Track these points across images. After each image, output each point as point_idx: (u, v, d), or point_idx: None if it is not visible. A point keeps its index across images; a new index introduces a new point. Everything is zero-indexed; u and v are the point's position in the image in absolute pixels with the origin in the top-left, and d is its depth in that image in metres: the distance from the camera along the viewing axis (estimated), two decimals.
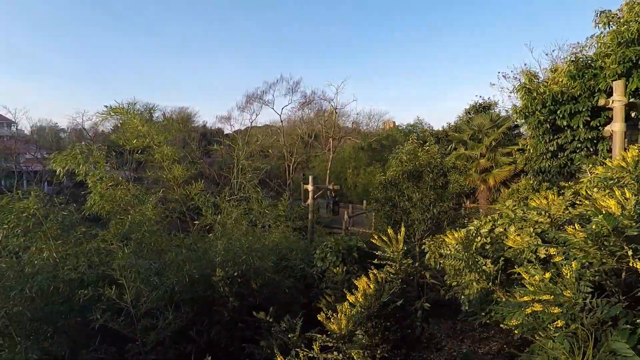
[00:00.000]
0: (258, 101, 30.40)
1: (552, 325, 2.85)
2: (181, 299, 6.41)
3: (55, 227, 7.12)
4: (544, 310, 2.80)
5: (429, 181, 8.53)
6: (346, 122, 36.91)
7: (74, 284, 6.43)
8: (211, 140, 37.21)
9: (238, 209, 7.27)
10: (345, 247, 7.80)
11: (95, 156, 8.79)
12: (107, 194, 8.49)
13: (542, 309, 2.79)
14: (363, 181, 28.20)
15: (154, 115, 8.56)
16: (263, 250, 7.07)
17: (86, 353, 5.77)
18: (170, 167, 7.70)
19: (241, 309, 6.55)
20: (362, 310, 4.03)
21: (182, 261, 6.91)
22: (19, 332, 5.72)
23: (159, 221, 8.07)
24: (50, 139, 45.29)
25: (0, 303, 5.67)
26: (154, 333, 5.80)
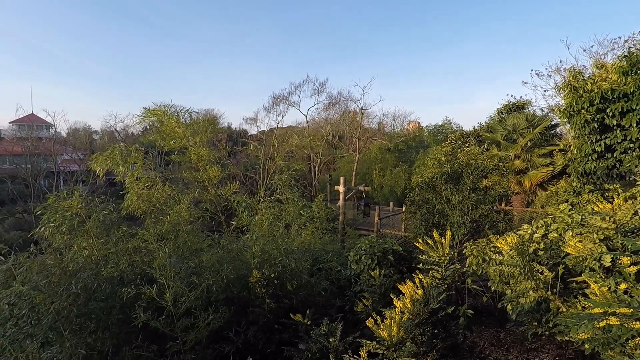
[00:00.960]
0: (284, 102, 30.60)
1: (632, 341, 2.61)
2: (217, 299, 6.44)
3: (97, 226, 7.34)
4: (621, 324, 2.57)
5: (469, 183, 8.24)
6: (371, 123, 36.66)
7: (115, 282, 6.59)
8: (237, 141, 37.77)
9: (274, 210, 7.25)
10: (380, 249, 7.63)
11: (133, 157, 9.03)
12: (144, 194, 8.69)
13: (619, 322, 2.57)
14: (389, 182, 27.82)
15: (187, 117, 8.64)
16: (299, 252, 7.02)
17: (128, 350, 5.89)
18: (206, 167, 7.76)
19: (277, 310, 6.53)
20: (411, 317, 3.88)
21: (217, 262, 6.95)
22: (66, 327, 5.90)
23: (192, 221, 8.17)
24: (84, 140, 47.27)
25: (48, 298, 5.90)
26: (194, 332, 5.86)
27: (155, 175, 8.66)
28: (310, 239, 8.17)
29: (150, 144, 24.78)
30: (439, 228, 7.79)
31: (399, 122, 38.04)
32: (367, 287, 7.02)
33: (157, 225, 7.91)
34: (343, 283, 7.98)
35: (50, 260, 6.72)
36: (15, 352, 5.63)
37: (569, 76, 8.47)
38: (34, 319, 5.72)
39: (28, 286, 5.83)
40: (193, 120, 9.18)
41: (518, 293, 4.09)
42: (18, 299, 5.79)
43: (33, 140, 35.09)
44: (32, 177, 29.90)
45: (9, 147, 38.82)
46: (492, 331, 6.42)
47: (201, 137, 7.97)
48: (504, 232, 7.82)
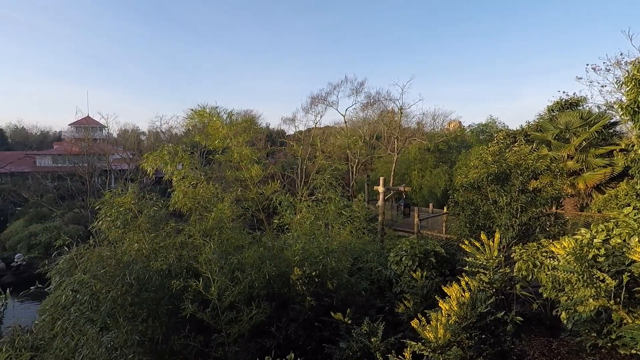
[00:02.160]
0: (322, 102, 30.73)
1: None
2: (259, 295, 6.59)
3: (147, 221, 7.76)
4: None
5: (518, 184, 7.82)
6: (410, 123, 35.91)
7: (164, 275, 6.93)
8: (275, 141, 38.46)
9: (315, 210, 7.30)
10: (421, 251, 7.47)
11: (179, 157, 9.46)
12: (189, 192, 9.07)
13: None
14: (429, 183, 27.08)
15: (227, 118, 8.93)
16: (339, 251, 7.03)
17: (177, 339, 6.18)
18: (248, 167, 7.96)
19: (318, 308, 6.58)
20: (457, 320, 3.76)
21: (259, 259, 7.12)
22: (120, 314, 6.30)
23: (234, 219, 8.42)
24: (132, 141, 50.17)
25: (105, 287, 6.33)
26: (237, 326, 6.04)
27: (200, 174, 9.04)
28: (350, 238, 8.14)
29: (193, 143, 25.90)
30: (485, 230, 7.46)
31: (438, 122, 37.03)
32: (408, 289, 6.89)
33: (201, 221, 8.25)
34: (383, 284, 7.89)
35: (107, 252, 7.22)
36: (78, 335, 6.07)
37: (633, 69, 7.77)
38: (93, 305, 6.17)
39: (89, 275, 6.30)
40: (234, 121, 9.49)
41: (575, 301, 3.82)
42: (80, 286, 6.27)
43: (89, 141, 37.71)
44: (88, 175, 32.18)
45: (69, 148, 42.05)
46: (542, 340, 6.08)
47: (243, 137, 8.20)
48: (557, 236, 7.36)
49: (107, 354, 5.53)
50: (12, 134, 76.30)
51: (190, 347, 6.17)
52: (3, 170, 42.42)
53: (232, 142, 8.16)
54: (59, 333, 6.09)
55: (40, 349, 6.57)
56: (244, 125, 9.07)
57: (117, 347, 5.76)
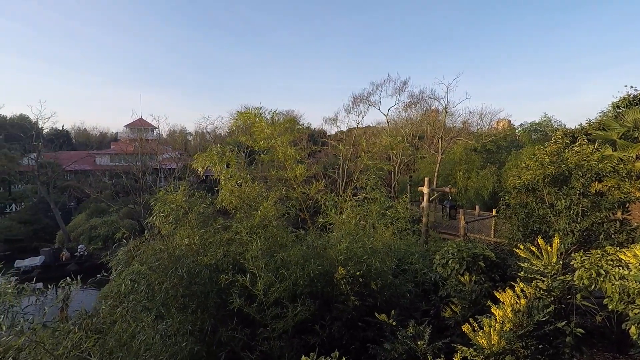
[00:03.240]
0: (364, 102, 30.40)
1: None
2: (302, 293, 6.67)
3: (197, 218, 8.13)
4: None
5: (579, 187, 7.25)
6: (456, 122, 34.59)
7: (212, 269, 7.22)
8: (317, 141, 38.68)
9: (360, 210, 7.28)
10: (469, 254, 7.19)
11: (227, 157, 9.82)
12: (236, 191, 9.38)
13: None
14: (475, 185, 25.90)
15: (270, 118, 9.16)
16: (383, 251, 6.96)
17: (224, 331, 6.42)
18: (292, 166, 8.10)
19: (361, 308, 6.55)
20: (512, 327, 3.59)
21: (303, 257, 7.21)
22: (173, 305, 6.66)
23: (278, 217, 8.60)
24: (180, 141, 52.68)
25: (159, 278, 6.71)
26: (282, 322, 6.16)
27: (246, 174, 9.33)
28: (394, 239, 8.02)
29: (236, 143, 26.73)
30: (540, 235, 7.03)
31: (486, 121, 35.28)
32: (454, 293, 6.68)
33: (247, 219, 8.50)
34: (427, 286, 7.70)
35: (160, 246, 7.66)
36: (135, 322, 6.48)
37: None
38: (149, 295, 6.57)
39: (145, 266, 6.71)
40: (277, 122, 9.71)
41: None
42: (137, 276, 6.70)
43: (142, 141, 40.12)
44: (141, 173, 34.24)
45: (124, 147, 45.09)
46: (607, 356, 5.63)
47: (287, 137, 8.37)
48: (624, 244, 6.75)
49: (162, 341, 5.83)
50: (76, 135, 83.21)
51: (237, 340, 6.38)
52: (69, 168, 46.32)
53: (277, 142, 8.36)
54: (118, 319, 6.48)
55: (102, 332, 7.07)
56: (288, 125, 9.25)
57: (171, 335, 6.07)
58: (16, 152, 44.20)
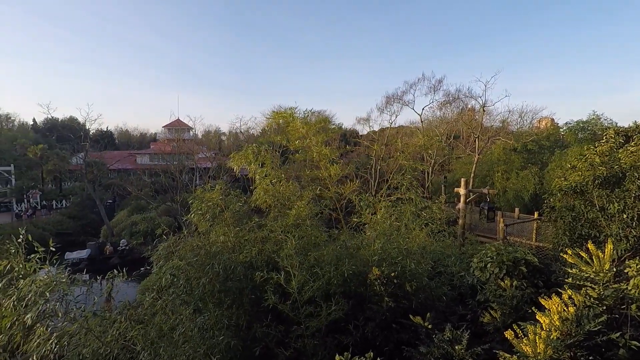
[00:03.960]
0: (398, 102, 29.84)
1: None
2: (336, 292, 6.67)
3: (232, 216, 8.33)
4: None
5: (635, 189, 6.74)
6: (494, 121, 33.23)
7: (247, 266, 7.38)
8: (349, 141, 38.54)
9: (394, 210, 7.19)
10: (509, 258, 6.90)
11: (262, 156, 9.99)
12: (270, 190, 9.52)
13: None
14: (515, 186, 24.73)
15: (306, 118, 9.22)
16: (418, 253, 6.83)
17: (259, 327, 6.55)
18: (327, 166, 8.11)
19: (395, 310, 6.47)
20: (560, 336, 3.41)
21: (336, 256, 7.21)
22: (209, 299, 6.87)
23: (311, 217, 8.65)
24: (214, 141, 54.20)
25: (197, 273, 6.95)
26: (316, 320, 6.19)
27: (280, 173, 9.46)
28: (430, 241, 7.86)
29: (269, 143, 27.14)
30: (590, 240, 6.62)
31: (527, 120, 33.64)
32: (494, 298, 6.44)
33: (281, 218, 8.61)
34: (464, 290, 7.48)
35: (198, 242, 7.92)
36: (174, 315, 6.73)
37: None
38: (188, 289, 6.82)
39: (184, 262, 6.97)
40: (309, 121, 9.77)
41: None
42: (177, 271, 6.97)
43: (179, 141, 41.67)
44: (178, 172, 35.58)
45: (162, 147, 47.02)
46: None
47: (322, 136, 8.40)
48: None
49: (200, 334, 6.02)
50: (119, 135, 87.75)
51: (272, 336, 6.49)
52: (112, 167, 48.98)
53: (311, 142, 8.41)
54: (159, 311, 6.75)
55: (144, 323, 7.39)
56: (322, 125, 9.28)
57: (208, 329, 6.26)
58: (66, 151, 47.31)
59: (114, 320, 6.39)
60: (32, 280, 5.46)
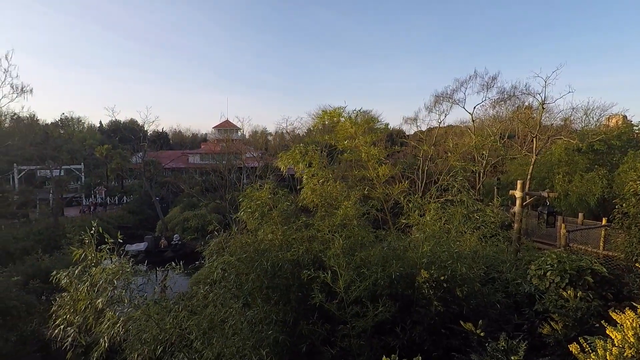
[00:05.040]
0: (447, 100, 28.71)
1: None
2: (382, 294, 6.59)
3: (280, 215, 8.50)
4: None
5: None
6: (554, 119, 30.80)
7: (293, 264, 7.50)
8: (395, 141, 37.81)
9: (445, 212, 6.96)
10: (573, 267, 6.41)
11: (309, 156, 10.12)
12: (318, 189, 9.61)
13: None
14: (579, 190, 22.66)
15: (355, 118, 9.19)
16: (470, 257, 6.55)
17: (305, 324, 6.64)
18: (375, 166, 8.03)
19: (445, 315, 6.27)
20: (635, 355, 3.12)
21: (383, 258, 7.12)
22: (258, 295, 7.07)
23: (358, 217, 8.60)
24: (261, 141, 55.65)
25: (245, 269, 7.19)
26: (362, 320, 6.16)
27: (328, 173, 9.52)
28: (483, 245, 7.50)
29: (314, 143, 27.34)
30: None
31: (593, 117, 30.77)
32: (554, 309, 6.02)
33: (328, 217, 8.66)
34: (520, 298, 7.06)
35: (247, 239, 8.19)
36: (224, 308, 7.01)
37: None
38: (238, 284, 7.08)
39: (234, 258, 7.24)
40: (359, 121, 9.73)
41: None
42: (227, 266, 7.26)
43: (228, 141, 43.30)
44: (226, 171, 36.97)
45: (212, 147, 49.18)
46: None
47: (371, 137, 8.33)
48: None
49: (249, 328, 6.22)
50: (173, 136, 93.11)
51: (317, 334, 6.55)
52: (167, 166, 52.13)
53: (360, 142, 8.38)
54: (210, 303, 7.05)
55: (196, 313, 7.77)
56: (370, 125, 9.21)
57: (257, 323, 6.45)
58: (127, 151, 51.14)
59: (170, 309, 6.80)
60: (103, 268, 5.97)
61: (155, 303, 6.19)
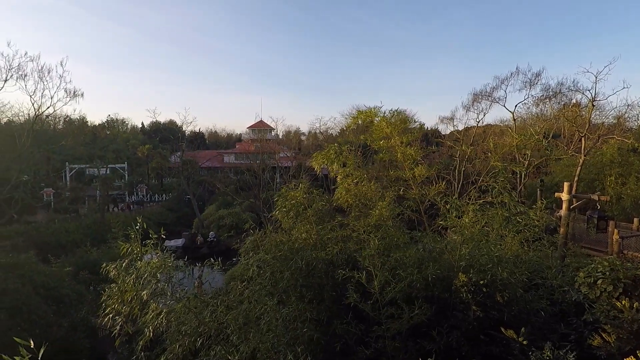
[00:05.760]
0: (486, 99, 27.50)
1: None
2: (417, 296, 6.46)
3: (314, 214, 8.55)
4: None
5: None
6: (606, 117, 28.64)
7: (327, 264, 7.51)
8: (430, 141, 36.87)
9: (484, 214, 6.72)
10: (628, 275, 5.98)
11: (344, 156, 10.12)
12: (352, 189, 9.59)
13: None
14: (634, 193, 20.93)
15: (391, 117, 9.07)
16: (512, 262, 6.28)
17: (339, 323, 6.63)
18: (412, 167, 7.89)
19: (484, 320, 6.05)
20: None
21: (419, 259, 6.98)
22: (292, 293, 7.15)
23: (392, 218, 8.48)
24: (294, 141, 56.21)
25: (280, 267, 7.29)
26: (397, 322, 6.07)
27: (363, 173, 9.48)
28: (526, 249, 7.17)
29: (347, 143, 27.17)
30: None
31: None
32: (606, 319, 5.64)
33: (362, 218, 8.61)
34: (567, 307, 6.69)
35: (281, 238, 8.30)
36: (259, 304, 7.14)
37: None
38: (273, 282, 7.19)
39: (270, 255, 7.37)
40: (394, 121, 9.59)
41: None
42: (263, 264, 7.40)
43: (262, 141, 44.11)
44: (260, 170, 37.66)
45: (246, 147, 50.29)
46: None
47: (408, 137, 8.19)
48: None
49: (284, 325, 6.31)
50: (209, 136, 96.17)
51: (352, 334, 6.52)
52: (203, 165, 53.91)
53: (395, 142, 8.26)
54: (245, 299, 7.21)
55: (232, 309, 7.98)
56: (406, 125, 9.06)
57: (292, 320, 6.52)
58: (166, 151, 53.45)
59: (208, 303, 7.03)
60: (147, 262, 6.29)
61: (195, 297, 6.42)
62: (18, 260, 13.47)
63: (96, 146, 48.56)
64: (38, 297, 12.04)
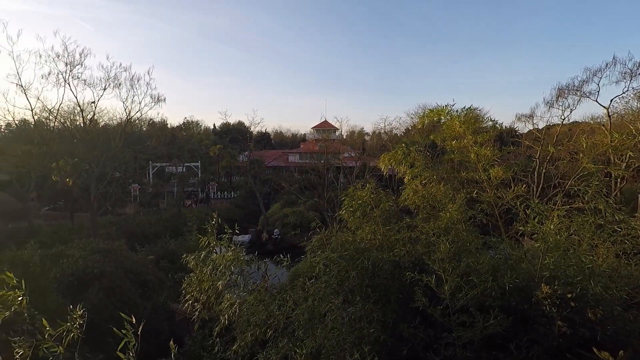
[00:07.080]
0: (574, 93, 24.35)
1: None
2: (492, 305, 6.06)
3: (381, 215, 8.44)
4: None
5: None
6: None
7: (394, 265, 7.37)
8: (506, 141, 34.23)
9: (573, 221, 6.09)
10: None
11: (412, 157, 9.84)
12: (420, 190, 9.29)
13: None
14: None
15: (464, 116, 8.58)
16: (608, 276, 5.61)
17: (406, 327, 6.47)
18: (486, 168, 7.42)
19: (571, 338, 5.49)
20: None
21: (493, 266, 6.56)
22: (357, 293, 7.13)
23: (464, 221, 8.05)
24: (358, 141, 56.01)
25: (346, 266, 7.31)
26: (470, 331, 5.76)
27: (432, 174, 9.14)
28: (625, 262, 6.36)
29: (413, 143, 26.34)
30: None
31: None
32: None
33: (432, 220, 8.30)
34: None
35: (347, 237, 8.33)
36: (324, 302, 7.23)
37: None
38: (339, 280, 7.25)
39: (336, 254, 7.43)
40: (467, 120, 9.08)
41: None
42: (329, 262, 7.49)
43: (326, 141, 44.60)
44: (324, 170, 38.12)
45: (311, 147, 51.29)
46: None
47: (483, 136, 7.69)
48: None
49: (350, 325, 6.32)
50: (274, 136, 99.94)
51: (419, 338, 6.33)
52: (269, 164, 56.14)
53: (469, 142, 7.82)
54: (310, 296, 7.35)
55: (298, 304, 8.18)
56: (479, 124, 8.54)
57: (358, 320, 6.52)
58: (235, 151, 56.68)
59: (275, 297, 7.31)
60: (222, 255, 6.73)
61: (266, 290, 6.71)
62: (112, 246, 15.24)
63: (174, 146, 53.10)
64: (127, 281, 13.51)
